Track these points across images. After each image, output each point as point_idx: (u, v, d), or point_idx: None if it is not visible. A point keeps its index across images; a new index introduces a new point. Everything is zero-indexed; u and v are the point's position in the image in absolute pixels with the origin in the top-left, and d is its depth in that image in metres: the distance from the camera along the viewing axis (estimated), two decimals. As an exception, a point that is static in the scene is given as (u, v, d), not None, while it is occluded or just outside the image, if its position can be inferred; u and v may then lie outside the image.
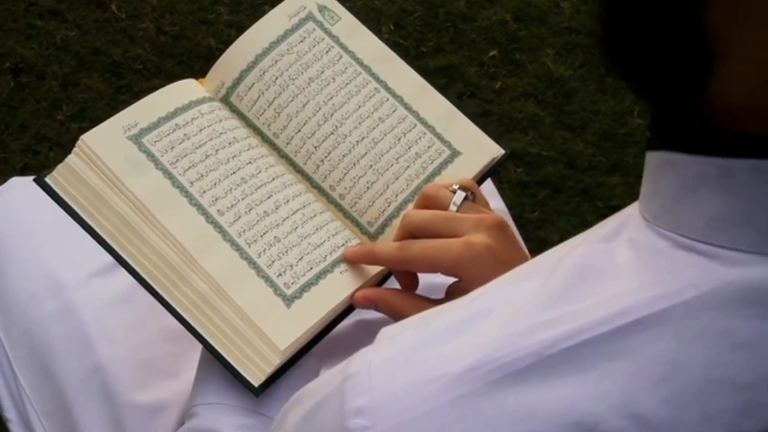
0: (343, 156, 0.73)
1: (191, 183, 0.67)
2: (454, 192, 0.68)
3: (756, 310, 0.39)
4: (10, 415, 0.81)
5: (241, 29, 1.66)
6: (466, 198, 0.67)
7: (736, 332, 0.39)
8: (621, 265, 0.43)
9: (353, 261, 0.69)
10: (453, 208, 0.67)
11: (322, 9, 0.76)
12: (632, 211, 0.46)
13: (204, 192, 0.67)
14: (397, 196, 0.72)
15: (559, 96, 1.70)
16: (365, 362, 0.43)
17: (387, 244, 0.68)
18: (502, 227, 0.65)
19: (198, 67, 1.61)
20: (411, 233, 0.67)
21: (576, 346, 0.40)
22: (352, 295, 0.68)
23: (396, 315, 0.66)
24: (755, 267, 0.39)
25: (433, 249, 0.64)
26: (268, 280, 0.66)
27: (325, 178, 0.72)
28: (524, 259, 0.66)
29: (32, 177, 0.91)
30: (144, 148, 0.67)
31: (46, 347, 0.80)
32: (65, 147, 1.50)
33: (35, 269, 0.83)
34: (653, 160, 0.44)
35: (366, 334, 0.62)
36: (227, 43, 1.67)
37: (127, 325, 0.80)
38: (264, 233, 0.68)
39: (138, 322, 0.80)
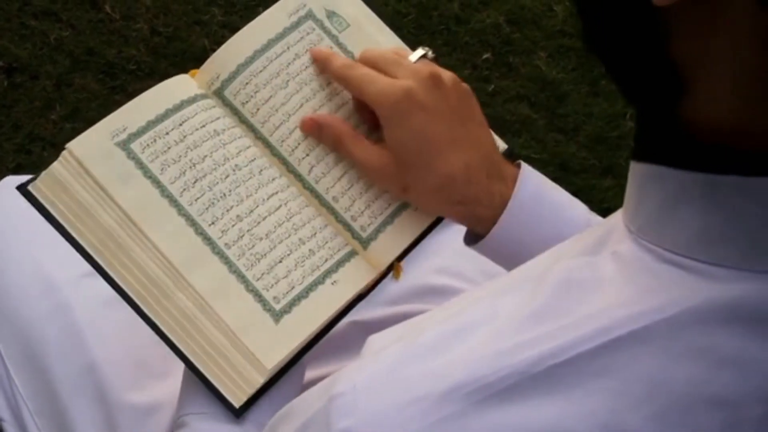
0: (339, 158, 0.70)
1: (180, 192, 0.65)
2: None
3: (738, 326, 0.39)
4: (4, 413, 0.81)
5: (235, 30, 1.64)
6: (424, 56, 0.69)
7: (719, 349, 0.39)
8: (605, 280, 0.43)
9: (313, 54, 0.71)
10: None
11: (330, 15, 0.74)
12: (616, 220, 0.46)
13: (193, 201, 0.65)
14: (393, 200, 0.71)
15: (552, 99, 1.71)
16: (350, 382, 0.43)
17: (343, 58, 0.70)
18: (434, 78, 0.66)
19: (192, 68, 1.60)
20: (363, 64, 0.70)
21: (560, 365, 0.40)
22: (341, 308, 0.67)
23: (335, 142, 0.69)
24: (737, 283, 0.40)
25: (366, 77, 0.67)
26: (257, 294, 0.65)
27: (319, 180, 0.70)
28: (465, 117, 0.67)
29: (26, 176, 0.91)
30: (132, 155, 0.65)
31: (40, 346, 0.79)
32: (58, 147, 1.49)
33: (28, 268, 0.83)
34: (638, 171, 0.45)
35: (356, 336, 0.62)
36: (221, 44, 1.66)
37: (121, 325, 0.80)
38: (253, 245, 0.66)
39: (131, 322, 0.79)
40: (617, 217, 0.46)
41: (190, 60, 1.63)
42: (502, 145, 0.74)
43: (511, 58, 1.74)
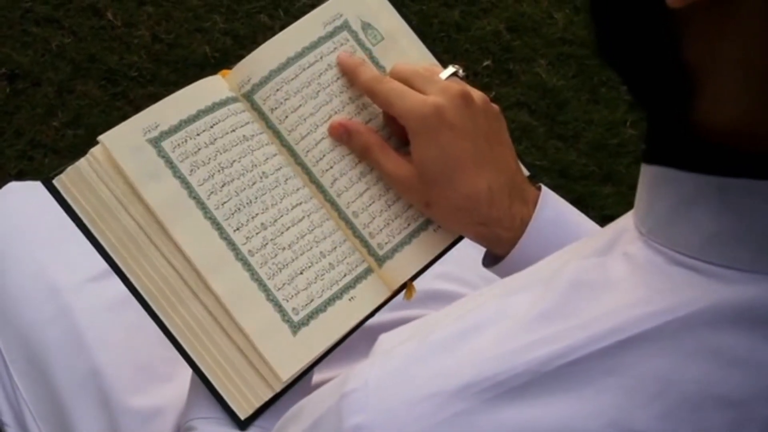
0: (363, 174, 0.70)
1: (208, 195, 0.65)
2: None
3: (749, 328, 0.40)
4: (7, 418, 0.81)
5: (236, 37, 1.67)
6: (454, 74, 0.70)
7: (729, 350, 0.40)
8: (616, 281, 0.43)
9: (341, 63, 0.70)
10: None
11: (366, 27, 0.73)
12: (626, 222, 0.47)
13: (220, 205, 0.65)
14: (412, 221, 0.71)
15: (552, 106, 1.71)
16: (362, 380, 0.43)
17: (372, 71, 0.70)
18: (465, 97, 0.66)
19: (193, 75, 1.62)
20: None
21: (571, 363, 0.40)
22: (356, 324, 0.67)
23: (363, 151, 0.69)
24: (749, 285, 0.40)
25: (394, 91, 0.67)
26: (276, 304, 0.64)
27: (341, 193, 0.70)
28: (492, 138, 0.67)
29: (30, 182, 0.92)
30: (163, 153, 0.64)
31: (43, 351, 0.80)
32: (60, 153, 1.50)
33: (31, 273, 0.83)
34: (649, 173, 0.45)
35: (363, 339, 0.62)
36: (222, 51, 1.68)
37: (123, 330, 0.81)
38: (276, 254, 0.65)
39: (134, 326, 0.80)
40: (628, 218, 0.47)
41: (192, 67, 1.63)
42: (525, 172, 0.74)
43: (511, 65, 1.75)
